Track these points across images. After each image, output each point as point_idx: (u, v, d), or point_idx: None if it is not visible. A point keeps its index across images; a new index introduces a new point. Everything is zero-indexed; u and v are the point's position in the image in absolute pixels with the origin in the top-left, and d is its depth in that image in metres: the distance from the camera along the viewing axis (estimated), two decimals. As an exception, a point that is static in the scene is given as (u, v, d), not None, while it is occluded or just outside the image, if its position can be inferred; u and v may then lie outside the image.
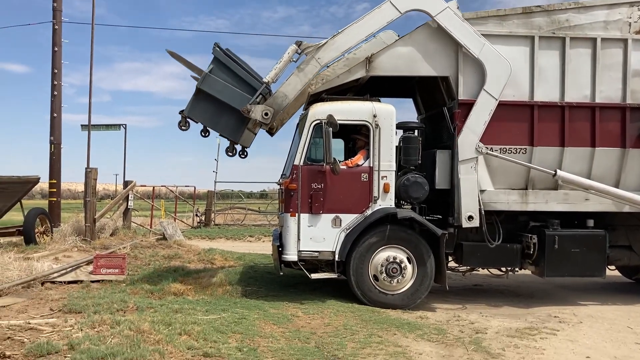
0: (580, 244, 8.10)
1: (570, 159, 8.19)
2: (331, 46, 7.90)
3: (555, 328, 6.87)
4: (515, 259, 8.27)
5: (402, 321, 6.96)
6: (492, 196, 8.15)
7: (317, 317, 7.03)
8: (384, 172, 7.84)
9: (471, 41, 7.93)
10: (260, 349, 5.49)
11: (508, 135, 8.15)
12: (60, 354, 4.90)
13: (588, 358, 5.72)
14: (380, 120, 7.85)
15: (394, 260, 7.73)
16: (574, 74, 8.20)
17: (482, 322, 7.11)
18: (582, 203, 8.20)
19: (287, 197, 7.83)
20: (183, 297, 7.60)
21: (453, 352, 5.73)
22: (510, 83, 8.09)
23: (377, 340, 6.02)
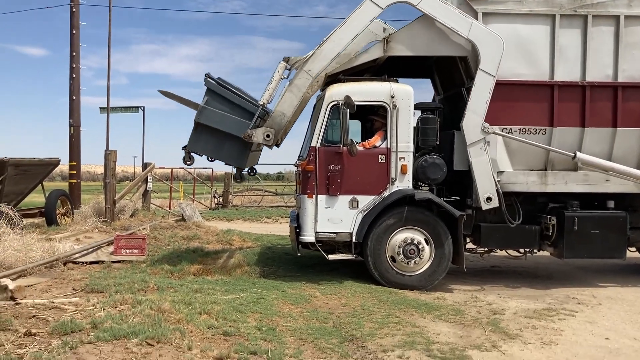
0: (600, 225, 8.00)
1: (590, 140, 8.07)
2: (319, 56, 7.81)
3: (573, 309, 6.84)
4: (533, 241, 8.21)
5: (420, 302, 6.98)
6: (511, 177, 8.10)
7: (334, 297, 7.08)
8: (402, 154, 7.80)
9: (458, 23, 7.79)
10: (279, 328, 5.56)
11: (527, 115, 8.05)
12: (84, 332, 5.00)
13: (607, 339, 5.69)
14: (398, 101, 7.78)
15: (412, 242, 7.74)
16: (595, 53, 8.05)
17: (499, 303, 7.11)
18: (603, 184, 8.10)
19: (304, 178, 7.84)
20: (202, 277, 7.70)
21: (471, 333, 5.75)
22: (531, 63, 8.00)
23: (395, 321, 6.06)
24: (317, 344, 5.17)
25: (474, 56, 7.98)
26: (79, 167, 17.60)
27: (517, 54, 8.02)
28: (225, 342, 5.05)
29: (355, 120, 8.72)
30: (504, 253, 9.12)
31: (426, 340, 5.44)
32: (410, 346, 5.22)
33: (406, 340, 5.41)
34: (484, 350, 5.20)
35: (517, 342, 5.49)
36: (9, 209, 10.19)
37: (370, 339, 5.41)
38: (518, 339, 5.56)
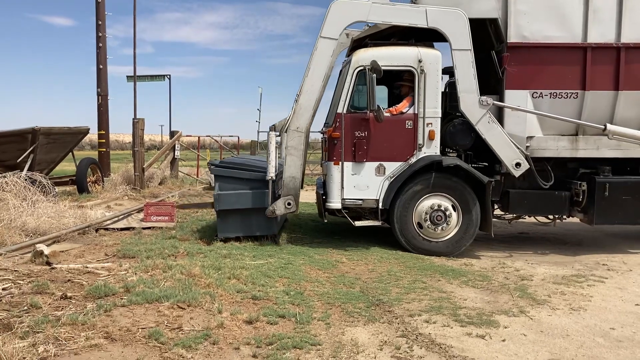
0: (633, 191, 7.87)
1: (624, 104, 7.87)
2: (300, 111, 7.76)
3: (603, 276, 6.78)
4: (563, 207, 8.11)
5: (447, 268, 6.99)
6: (541, 142, 7.99)
7: (361, 263, 7.13)
8: (429, 119, 7.72)
9: (413, 17, 7.65)
10: (306, 293, 5.64)
11: (558, 79, 7.87)
12: (117, 295, 5.15)
13: (637, 305, 5.64)
14: (426, 65, 7.68)
15: (439, 208, 7.73)
16: (631, 12, 7.78)
17: (527, 269, 7.08)
18: (636, 149, 7.91)
19: (330, 145, 7.82)
20: (231, 243, 7.80)
21: (498, 298, 5.75)
22: (562, 25, 7.80)
23: (422, 286, 6.09)
24: (345, 308, 5.24)
25: (505, 19, 7.80)
26: (108, 136, 17.84)
27: (549, 16, 7.81)
28: (254, 306, 5.15)
29: (382, 86, 8.63)
30: (533, 220, 9.04)
31: (453, 305, 5.47)
32: (437, 311, 5.25)
33: (433, 305, 5.44)
34: (512, 316, 5.21)
35: (545, 307, 5.47)
36: (42, 177, 10.41)
37: (397, 304, 5.45)
38: (546, 305, 5.55)
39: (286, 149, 7.82)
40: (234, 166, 8.22)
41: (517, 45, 7.81)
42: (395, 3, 7.76)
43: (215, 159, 9.47)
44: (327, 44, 7.67)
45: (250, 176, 8.01)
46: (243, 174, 8.03)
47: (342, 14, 7.63)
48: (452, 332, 4.72)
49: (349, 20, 7.72)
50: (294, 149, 7.81)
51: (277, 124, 8.13)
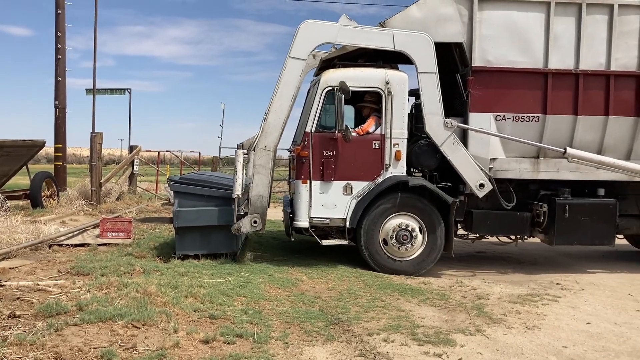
0: (591, 212, 8.11)
1: (583, 128, 8.15)
2: (268, 130, 7.79)
3: (557, 295, 6.94)
4: (525, 227, 8.31)
5: (406, 286, 7.04)
6: (504, 164, 8.17)
7: (321, 281, 7.13)
8: (396, 140, 7.82)
9: (380, 40, 7.81)
10: (265, 312, 5.59)
11: (521, 103, 8.10)
12: (69, 314, 5.00)
13: (589, 324, 5.78)
14: (393, 87, 7.80)
15: (405, 228, 7.81)
16: (589, 41, 8.09)
17: (484, 288, 7.19)
18: (594, 172, 8.16)
19: (298, 164, 7.84)
20: (189, 261, 7.69)
21: (455, 317, 5.82)
22: (525, 50, 8.04)
23: (381, 305, 6.11)
24: (303, 327, 5.21)
25: (470, 43, 8.01)
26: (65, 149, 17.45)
27: (512, 42, 8.04)
28: (212, 325, 5.07)
29: (348, 106, 8.72)
30: (491, 239, 9.20)
31: (411, 324, 5.50)
32: (395, 330, 5.27)
33: (391, 324, 5.46)
34: (468, 334, 5.26)
35: (501, 326, 5.56)
36: (-7, 191, 10.08)
37: (356, 323, 5.45)
38: (502, 324, 5.63)
39: (254, 168, 7.79)
40: (194, 182, 8.13)
41: (482, 69, 8.01)
42: (363, 26, 7.87)
43: (175, 175, 9.38)
44: (295, 64, 7.73)
45: (211, 193, 7.94)
46: (204, 190, 7.95)
47: (311, 35, 7.72)
48: (410, 351, 4.75)
49: (317, 42, 7.82)
50: (262, 168, 7.79)
51: (245, 142, 8.07)
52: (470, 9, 7.96)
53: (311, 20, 7.76)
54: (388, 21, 8.00)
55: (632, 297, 6.98)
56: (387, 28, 7.85)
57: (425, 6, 7.98)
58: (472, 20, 7.95)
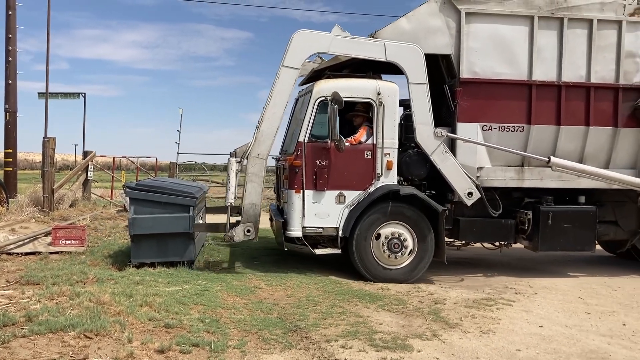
0: (573, 219, 8.40)
1: (565, 138, 8.42)
2: (261, 138, 7.81)
3: (511, 299, 7.09)
4: (509, 234, 8.52)
5: (364, 292, 7.08)
6: (490, 173, 8.36)
7: (280, 288, 7.10)
8: (387, 150, 7.94)
9: (372, 51, 7.93)
10: (222, 320, 5.53)
11: (506, 113, 8.32)
12: (17, 325, 4.84)
13: (541, 327, 5.93)
14: (384, 98, 7.91)
15: (396, 236, 7.90)
16: (570, 54, 8.37)
17: (441, 293, 7.29)
18: (575, 180, 8.44)
19: (291, 173, 7.86)
20: (145, 269, 7.54)
21: (412, 322, 5.88)
22: (510, 62, 8.28)
23: (339, 311, 6.13)
24: (261, 335, 5.18)
25: (458, 55, 8.20)
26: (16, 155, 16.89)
27: (498, 54, 8.27)
28: (167, 334, 4.99)
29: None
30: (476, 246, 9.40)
31: (369, 329, 5.52)
32: (353, 336, 5.29)
33: (349, 330, 5.47)
34: (425, 339, 5.32)
35: (457, 331, 5.64)
36: (-62, 198, 9.68)
37: (314, 329, 5.45)
38: (458, 328, 5.72)
39: (247, 176, 7.80)
40: (151, 189, 7.99)
41: (469, 80, 8.20)
42: (356, 37, 7.96)
43: (131, 181, 9.18)
44: (289, 73, 7.77)
45: (168, 200, 7.81)
46: (160, 197, 7.82)
47: (305, 45, 7.79)
48: (368, 357, 4.77)
49: (311, 51, 7.92)
50: (255, 176, 7.80)
51: (238, 150, 8.06)
52: (458, 22, 8.15)
53: (305, 30, 7.81)
54: (379, 32, 8.10)
55: (582, 301, 7.19)
56: (379, 39, 7.96)
57: (415, 18, 8.13)
58: (460, 32, 8.14)
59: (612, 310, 6.71)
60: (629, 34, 8.47)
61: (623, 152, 8.65)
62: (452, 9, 8.13)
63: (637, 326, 6.08)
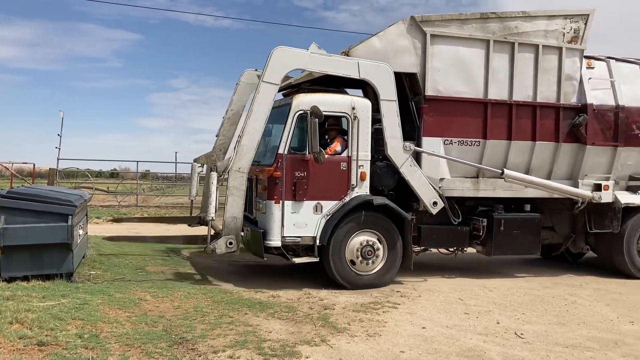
0: (522, 226, 9.24)
1: (515, 151, 9.20)
2: (242, 152, 7.91)
3: (397, 302, 7.37)
4: (464, 240, 9.16)
5: (254, 301, 7.05)
6: (450, 183, 8.98)
7: (166, 300, 6.88)
8: (362, 162, 8.32)
9: (347, 68, 8.29)
10: (103, 335, 5.27)
11: (465, 129, 8.98)
12: None
13: (424, 328, 6.21)
14: (359, 112, 8.29)
15: (369, 244, 8.24)
16: (520, 76, 9.14)
17: (331, 298, 7.42)
18: (523, 190, 9.24)
19: (271, 184, 8.03)
20: (16, 283, 7.01)
21: (302, 329, 5.93)
22: (469, 82, 8.94)
23: (228, 321, 6.06)
24: (145, 348, 4.99)
25: (423, 74, 8.71)
26: None
27: (458, 73, 8.90)
28: (40, 353, 4.68)
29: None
30: None
31: (258, 338, 5.51)
32: (241, 345, 5.25)
33: (238, 339, 5.43)
34: (314, 345, 5.39)
35: (345, 335, 5.77)
36: None
37: (202, 341, 5.34)
38: (345, 332, 5.85)
39: (228, 189, 7.85)
40: (24, 197, 7.43)
41: (433, 98, 8.75)
42: (332, 54, 8.32)
43: (3, 189, 8.50)
44: (269, 89, 7.94)
45: (44, 208, 7.31)
46: (35, 205, 7.30)
47: (284, 61, 8.02)
48: (255, 366, 4.74)
49: (289, 68, 8.13)
50: (236, 189, 7.84)
51: (219, 164, 8.07)
52: (424, 43, 8.66)
53: (283, 47, 8.03)
54: (352, 50, 8.45)
55: (462, 302, 7.63)
56: (353, 57, 8.31)
57: (385, 38, 8.57)
58: (426, 53, 8.67)
59: (488, 310, 7.18)
60: (567, 59, 9.39)
61: (563, 164, 9.58)
62: (418, 30, 8.68)
63: (510, 324, 6.55)
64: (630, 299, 8.15)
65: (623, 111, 9.70)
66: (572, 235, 10.15)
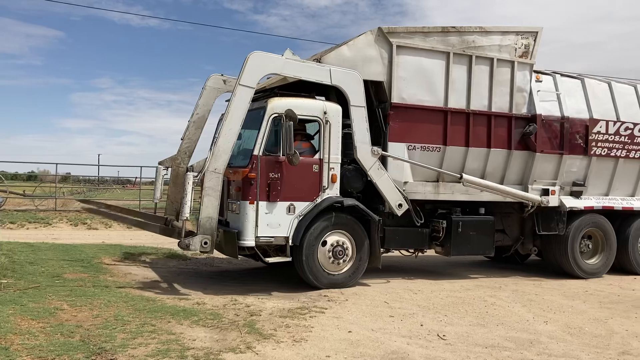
0: (477, 227, 10.04)
1: (472, 157, 9.95)
2: (218, 153, 8.13)
3: (324, 306, 7.46)
4: (425, 241, 9.84)
5: (178, 308, 6.97)
6: (413, 187, 9.63)
7: (85, 309, 6.70)
8: (333, 164, 8.79)
9: (320, 75, 8.69)
10: (13, 348, 5.11)
11: (427, 135, 9.64)
12: None
13: (350, 332, 6.32)
14: (330, 117, 8.76)
15: (339, 244, 8.76)
16: (477, 87, 9.93)
17: (257, 304, 7.43)
18: (479, 194, 10.03)
19: (245, 185, 8.33)
20: None
21: (227, 336, 5.91)
22: (430, 91, 9.61)
23: (150, 329, 5.97)
24: (59, 360, 4.77)
25: (389, 82, 9.26)
26: None
27: (421, 83, 9.55)
28: (-59, 370, 4.36)
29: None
30: None
31: (181, 347, 5.46)
32: (164, 354, 5.20)
33: (160, 348, 5.37)
34: (239, 352, 5.40)
35: (271, 341, 5.80)
36: None
37: (122, 351, 5.23)
38: (272, 339, 5.88)
39: (204, 190, 8.05)
40: None
41: (398, 105, 9.37)
42: (305, 61, 8.82)
43: None
44: (245, 92, 8.22)
45: None
46: None
47: (260, 65, 8.35)
48: (178, 376, 4.64)
49: (265, 72, 8.51)
50: (212, 190, 8.03)
51: (195, 164, 8.27)
52: (390, 53, 9.26)
53: (259, 52, 8.35)
54: (324, 57, 8.96)
55: (387, 305, 7.85)
56: (325, 65, 8.79)
57: (355, 47, 9.12)
58: (392, 62, 9.26)
59: (412, 313, 7.41)
60: (518, 73, 10.26)
61: (514, 170, 10.42)
62: (385, 41, 9.25)
63: (432, 326, 6.81)
64: (545, 299, 8.61)
65: (567, 122, 10.68)
66: (521, 238, 11.06)
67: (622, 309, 8.16)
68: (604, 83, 11.36)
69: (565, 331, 6.80)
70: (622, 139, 11.07)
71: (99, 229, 17.24)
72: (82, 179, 34.14)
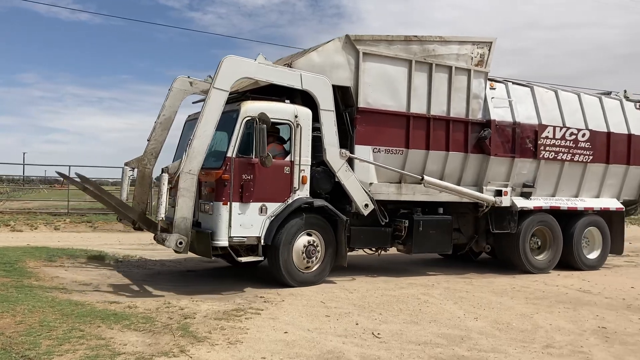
0: (437, 227, 10.67)
1: (432, 160, 10.61)
2: (192, 154, 8.33)
3: (260, 308, 7.50)
4: (387, 240, 10.44)
5: (108, 312, 6.87)
6: (377, 188, 10.17)
7: (7, 315, 6.50)
8: (303, 166, 9.25)
9: (290, 79, 9.03)
10: None
11: (391, 138, 10.19)
12: None
13: (286, 333, 6.39)
14: (301, 120, 9.20)
15: (311, 244, 9.27)
16: (436, 93, 10.56)
17: (192, 307, 7.39)
18: (438, 195, 10.69)
19: (219, 186, 8.62)
20: None
21: (160, 340, 5.87)
22: (394, 96, 10.13)
23: (78, 335, 5.86)
24: (-24, 372, 4.54)
25: (356, 87, 9.71)
26: None
27: (385, 89, 10.08)
28: None
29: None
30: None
31: (112, 352, 5.41)
32: (92, 360, 4.96)
33: (89, 354, 5.30)
34: (172, 356, 5.42)
35: (205, 344, 5.83)
36: None
37: (47, 358, 5.15)
38: (206, 341, 5.89)
39: (179, 191, 8.24)
40: None
41: (364, 109, 9.89)
42: (276, 66, 9.22)
43: None
44: (219, 95, 8.45)
45: None
46: None
47: (233, 69, 8.64)
48: (108, 382, 4.51)
49: (238, 76, 8.81)
50: (186, 191, 8.23)
51: (170, 166, 8.51)
52: (357, 60, 9.76)
53: (233, 56, 8.63)
54: (294, 62, 9.37)
55: (324, 304, 8.00)
56: (296, 70, 9.19)
57: (324, 53, 9.58)
58: (358, 69, 9.78)
59: (347, 312, 7.58)
60: (474, 80, 10.91)
61: (470, 172, 11.12)
62: (352, 48, 9.75)
63: (368, 324, 7.00)
64: (476, 296, 8.98)
65: (519, 127, 11.45)
66: (475, 236, 11.86)
67: (547, 304, 8.64)
68: (551, 91, 12.25)
69: (494, 327, 7.19)
70: (568, 143, 11.97)
71: (24, 231, 16.61)
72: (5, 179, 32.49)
